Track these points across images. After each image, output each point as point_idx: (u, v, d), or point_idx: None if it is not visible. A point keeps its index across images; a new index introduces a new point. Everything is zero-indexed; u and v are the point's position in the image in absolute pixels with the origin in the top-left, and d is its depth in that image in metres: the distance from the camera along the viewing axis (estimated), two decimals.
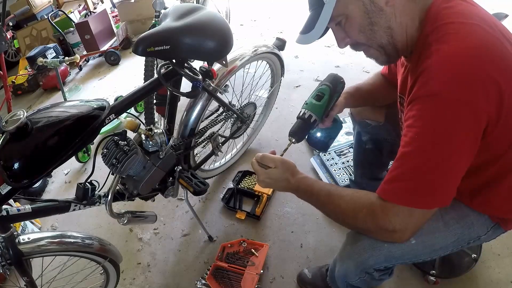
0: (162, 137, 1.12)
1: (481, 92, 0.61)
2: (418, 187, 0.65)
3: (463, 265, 1.21)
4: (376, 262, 0.82)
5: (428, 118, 0.64)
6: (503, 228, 0.82)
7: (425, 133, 0.64)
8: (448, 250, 0.83)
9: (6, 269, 1.01)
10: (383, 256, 0.80)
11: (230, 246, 1.46)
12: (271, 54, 1.61)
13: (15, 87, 3.47)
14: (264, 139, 2.04)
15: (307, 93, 1.09)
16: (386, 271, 0.89)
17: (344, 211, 0.76)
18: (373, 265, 0.83)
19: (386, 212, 0.69)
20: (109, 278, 1.24)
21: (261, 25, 3.65)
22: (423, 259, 0.84)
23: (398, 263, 0.85)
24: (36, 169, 0.84)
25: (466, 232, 0.81)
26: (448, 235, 0.81)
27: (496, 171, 0.73)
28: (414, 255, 0.82)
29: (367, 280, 0.89)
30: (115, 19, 4.14)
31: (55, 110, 0.92)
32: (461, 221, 0.80)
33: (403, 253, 0.80)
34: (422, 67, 0.66)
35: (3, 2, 2.04)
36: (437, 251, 0.83)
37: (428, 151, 0.64)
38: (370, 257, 0.81)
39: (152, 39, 0.99)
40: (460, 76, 0.61)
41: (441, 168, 0.64)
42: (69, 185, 2.11)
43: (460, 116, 0.61)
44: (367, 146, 1.28)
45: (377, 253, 0.80)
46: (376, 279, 0.89)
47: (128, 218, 1.11)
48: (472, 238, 0.82)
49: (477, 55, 0.62)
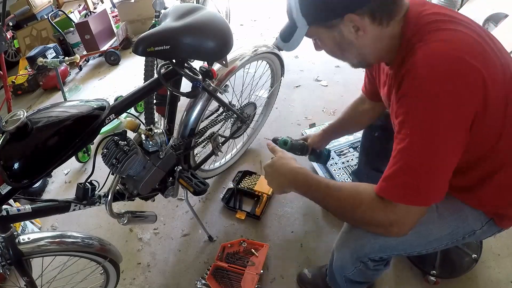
0: (162, 137, 1.12)
1: (465, 84, 0.62)
2: (414, 184, 0.66)
3: (464, 265, 1.21)
4: (371, 250, 0.83)
5: (417, 115, 0.65)
6: (497, 225, 0.82)
7: (415, 130, 0.65)
8: (443, 243, 0.83)
9: (6, 269, 1.02)
10: (378, 244, 0.81)
11: (230, 246, 1.46)
12: (271, 54, 1.61)
13: (15, 87, 3.47)
14: (264, 139, 2.04)
15: (307, 93, 1.10)
16: (381, 262, 0.89)
17: (342, 205, 0.77)
18: (368, 254, 0.84)
19: (384, 209, 0.70)
20: (109, 278, 1.24)
21: (261, 25, 3.65)
22: (418, 251, 0.85)
23: (393, 254, 0.85)
24: (36, 169, 0.84)
25: (460, 225, 0.81)
26: (443, 227, 0.81)
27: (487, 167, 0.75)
28: (409, 245, 0.83)
29: (362, 270, 0.89)
30: (115, 19, 4.14)
31: (55, 110, 0.92)
32: (455, 214, 0.81)
33: (398, 243, 0.81)
34: (407, 66, 0.67)
35: (3, 2, 2.04)
36: (431, 243, 0.83)
37: (420, 148, 0.65)
38: (366, 244, 0.82)
39: (152, 39, 0.99)
40: (444, 70, 0.62)
41: (433, 164, 0.65)
42: (69, 185, 2.11)
43: (446, 110, 0.63)
44: (375, 133, 1.28)
45: (372, 241, 0.81)
46: (371, 269, 0.89)
47: (128, 218, 1.11)
48: (466, 232, 0.82)
49: (459, 48, 0.64)
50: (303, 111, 2.19)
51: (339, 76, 2.49)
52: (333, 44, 0.76)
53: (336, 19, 0.70)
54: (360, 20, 0.68)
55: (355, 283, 0.98)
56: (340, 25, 0.70)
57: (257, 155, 1.96)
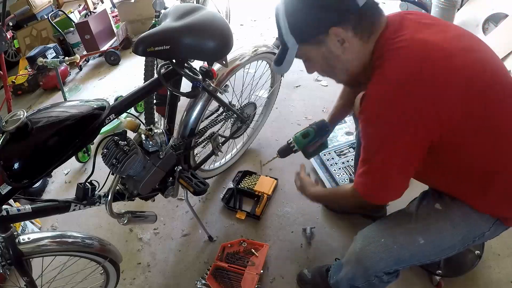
0: (162, 137, 1.12)
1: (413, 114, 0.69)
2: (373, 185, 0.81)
3: (468, 262, 1.21)
4: (386, 265, 0.84)
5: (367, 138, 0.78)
6: (504, 224, 0.84)
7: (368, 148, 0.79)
8: (455, 249, 0.85)
9: (6, 269, 1.01)
10: (392, 259, 0.83)
11: (230, 246, 1.46)
12: (271, 54, 1.61)
13: (15, 87, 3.46)
14: (264, 139, 2.04)
15: (307, 93, 1.11)
16: (394, 273, 0.90)
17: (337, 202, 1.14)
18: (383, 269, 0.85)
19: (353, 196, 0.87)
20: (109, 278, 1.24)
21: (261, 25, 3.64)
22: (432, 259, 0.86)
23: (409, 265, 0.87)
24: (36, 169, 0.84)
25: (471, 229, 0.83)
26: (455, 234, 0.83)
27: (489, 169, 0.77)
28: (424, 255, 0.85)
29: (375, 284, 0.90)
30: (115, 19, 4.14)
31: (55, 110, 0.92)
32: (467, 220, 0.83)
33: (413, 254, 0.84)
34: (366, 92, 0.76)
35: (3, 2, 2.04)
36: (445, 251, 0.85)
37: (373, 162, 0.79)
38: (380, 260, 0.84)
39: (152, 39, 0.99)
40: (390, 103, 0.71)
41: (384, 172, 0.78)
42: (69, 185, 2.11)
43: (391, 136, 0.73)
44: None
45: (387, 255, 0.83)
46: (385, 281, 0.90)
47: (128, 218, 1.11)
48: (477, 235, 0.84)
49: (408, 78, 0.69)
50: (303, 111, 2.19)
51: None
52: (322, 60, 0.82)
53: (322, 34, 0.76)
54: (344, 33, 0.75)
55: None
56: (326, 39, 0.76)
57: (257, 155, 1.96)
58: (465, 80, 0.70)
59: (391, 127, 0.72)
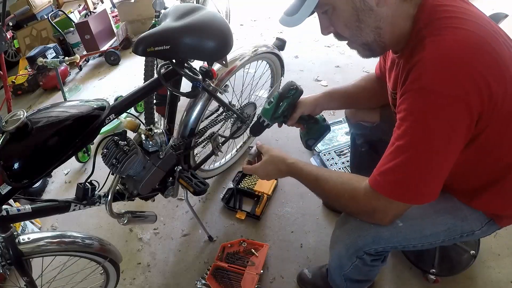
0: (162, 137, 1.12)
1: (472, 89, 0.61)
2: (409, 183, 0.67)
3: (462, 262, 1.21)
4: (365, 242, 0.83)
5: (419, 113, 0.64)
6: (497, 224, 0.82)
7: (416, 128, 0.65)
8: (440, 239, 0.83)
9: (6, 269, 1.01)
10: (370, 236, 0.82)
11: (230, 246, 1.46)
12: (271, 54, 1.61)
13: (15, 87, 3.47)
14: (264, 139, 2.04)
15: (307, 93, 1.10)
16: (378, 256, 0.89)
17: (328, 196, 0.84)
18: (362, 247, 0.84)
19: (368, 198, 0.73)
20: (109, 278, 1.24)
21: (261, 25, 3.64)
22: (414, 244, 0.85)
23: (388, 246, 0.85)
24: (36, 169, 0.84)
25: (458, 224, 0.82)
26: (438, 223, 0.82)
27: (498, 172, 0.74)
28: (403, 238, 0.83)
29: (359, 266, 0.89)
30: (115, 19, 4.14)
31: (55, 110, 0.91)
32: (454, 213, 0.82)
33: (391, 234, 0.81)
34: (415, 60, 0.65)
35: (3, 2, 2.04)
36: (427, 238, 0.83)
37: (418, 149, 0.65)
38: (358, 237, 0.83)
39: (152, 39, 0.99)
40: (452, 71, 0.61)
41: (429, 166, 0.66)
42: (69, 185, 2.11)
43: (449, 112, 0.62)
44: (362, 149, 1.29)
45: (365, 233, 0.82)
46: (368, 264, 0.89)
47: (128, 218, 1.11)
48: (465, 231, 0.82)
49: (471, 51, 0.61)
50: None
51: (339, 76, 2.50)
52: (351, 11, 0.69)
53: None
54: None
55: (355, 282, 0.98)
56: None
57: None
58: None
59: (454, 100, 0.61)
